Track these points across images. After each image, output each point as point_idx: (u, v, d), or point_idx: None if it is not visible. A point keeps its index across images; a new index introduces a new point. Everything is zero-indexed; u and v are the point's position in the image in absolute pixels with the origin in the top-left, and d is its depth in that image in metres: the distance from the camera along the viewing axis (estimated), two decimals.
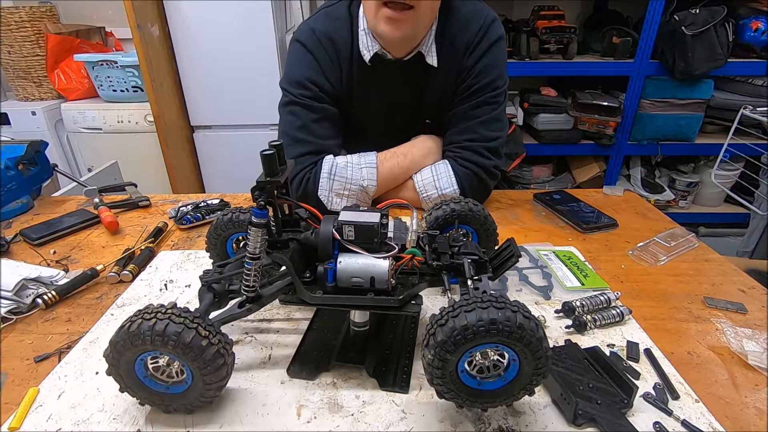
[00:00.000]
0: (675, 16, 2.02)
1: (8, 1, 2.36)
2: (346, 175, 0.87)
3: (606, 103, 2.17)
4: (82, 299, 0.68)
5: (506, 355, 0.42)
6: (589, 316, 0.60)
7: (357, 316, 0.56)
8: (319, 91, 0.88)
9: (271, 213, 0.50)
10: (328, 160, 0.87)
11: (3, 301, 0.63)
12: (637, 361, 0.54)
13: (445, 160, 0.93)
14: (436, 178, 0.90)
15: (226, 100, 2.15)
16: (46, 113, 2.21)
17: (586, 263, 0.74)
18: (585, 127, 2.26)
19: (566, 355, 0.52)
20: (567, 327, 0.60)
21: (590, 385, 0.48)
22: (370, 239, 0.50)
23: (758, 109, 1.69)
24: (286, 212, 0.54)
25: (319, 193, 0.86)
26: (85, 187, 1.01)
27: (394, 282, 0.50)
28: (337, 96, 0.90)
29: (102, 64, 2.14)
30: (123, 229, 0.89)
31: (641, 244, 0.81)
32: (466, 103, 0.90)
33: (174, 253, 0.79)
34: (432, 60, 0.87)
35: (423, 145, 0.94)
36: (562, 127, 2.31)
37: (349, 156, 0.90)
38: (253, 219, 0.48)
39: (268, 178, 0.49)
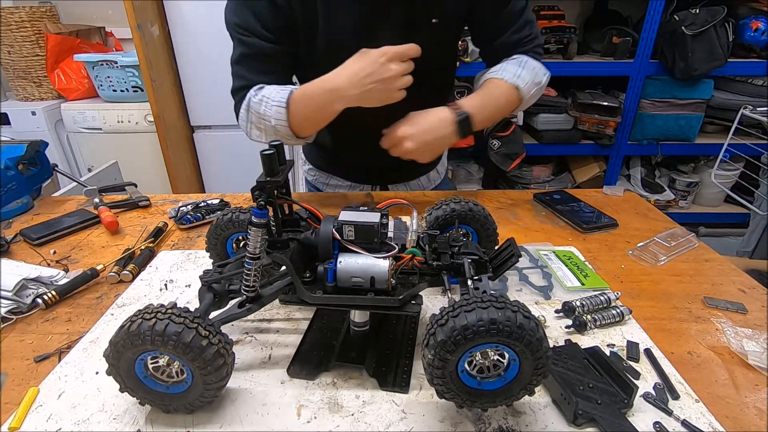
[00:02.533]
0: (675, 16, 2.02)
1: (8, 1, 2.36)
2: (260, 110, 0.82)
3: (606, 103, 2.18)
4: (82, 299, 0.68)
5: (506, 355, 0.42)
6: (589, 316, 0.60)
7: (357, 316, 0.56)
8: (254, 22, 0.80)
9: (271, 213, 0.50)
10: (251, 92, 0.83)
11: (3, 301, 0.63)
12: (637, 361, 0.54)
13: (515, 57, 0.88)
14: (533, 73, 0.86)
15: (226, 100, 2.13)
16: (46, 113, 2.22)
17: (586, 263, 0.74)
18: (585, 127, 2.27)
19: (566, 355, 0.52)
20: (567, 327, 0.60)
21: (590, 385, 0.48)
22: (370, 239, 0.50)
23: (758, 109, 1.69)
24: (286, 212, 0.54)
25: (239, 124, 0.87)
26: (85, 187, 1.01)
27: (394, 282, 0.50)
28: (285, 28, 0.81)
29: (102, 64, 2.14)
30: (123, 229, 0.89)
31: (641, 244, 0.81)
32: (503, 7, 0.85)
33: (174, 253, 0.79)
34: None
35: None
36: (562, 127, 2.31)
37: (269, 89, 0.83)
38: (253, 219, 0.48)
39: (268, 178, 0.49)
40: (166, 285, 0.70)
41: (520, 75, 0.84)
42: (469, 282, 0.49)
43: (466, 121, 0.80)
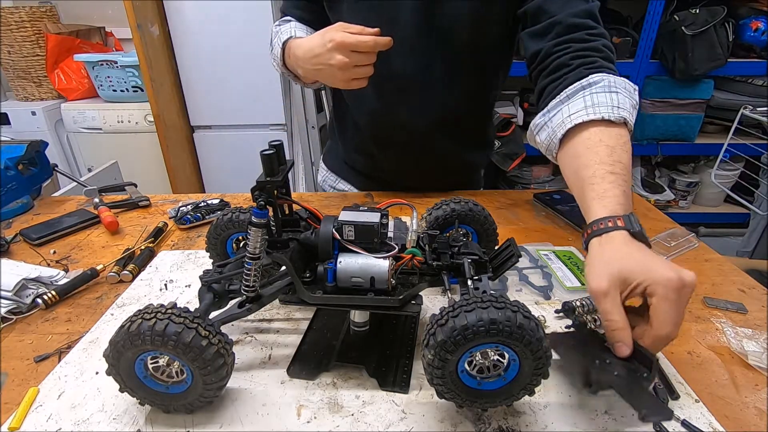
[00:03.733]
0: (675, 16, 2.02)
1: (8, 1, 2.36)
2: (273, 41, 0.85)
3: None
4: (82, 299, 0.68)
5: (506, 355, 0.42)
6: (589, 316, 0.60)
7: (357, 316, 0.56)
8: None
9: (271, 213, 0.50)
10: (277, 22, 0.89)
11: (3, 301, 0.63)
12: None
13: (593, 79, 0.61)
14: (628, 94, 0.60)
15: (226, 100, 2.15)
16: (46, 113, 2.22)
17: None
18: None
19: (582, 336, 0.50)
20: (567, 327, 0.60)
21: (607, 360, 0.45)
22: (370, 239, 0.50)
23: (758, 109, 1.69)
24: (286, 212, 0.54)
25: (269, 48, 0.88)
26: (85, 187, 1.01)
27: (394, 282, 0.50)
28: None
29: (102, 64, 2.14)
30: (123, 229, 0.89)
31: None
32: None
33: (174, 253, 0.79)
34: None
35: None
36: None
37: (287, 26, 0.85)
38: (253, 219, 0.48)
39: (268, 178, 0.49)
40: (166, 285, 0.70)
41: (620, 103, 0.58)
42: (469, 282, 0.49)
43: (640, 233, 0.49)
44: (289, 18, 0.90)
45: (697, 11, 1.99)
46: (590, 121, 0.58)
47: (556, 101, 0.64)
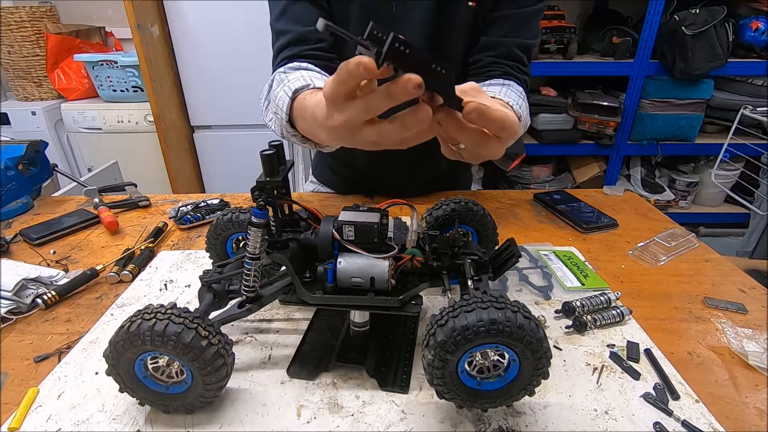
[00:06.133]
0: (675, 16, 2.02)
1: (8, 1, 2.36)
2: (275, 93, 0.62)
3: (606, 103, 2.18)
4: (82, 299, 0.68)
5: (506, 356, 0.42)
6: (589, 317, 0.60)
7: (357, 317, 0.56)
8: None
9: (271, 213, 0.50)
10: (286, 68, 0.71)
11: (3, 301, 0.63)
12: (637, 361, 0.54)
13: (513, 83, 0.74)
14: (527, 113, 0.72)
15: (226, 100, 2.15)
16: (46, 113, 2.22)
17: (586, 263, 0.74)
18: (585, 127, 2.27)
19: None
20: (567, 327, 0.60)
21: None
22: (370, 239, 0.50)
23: (758, 109, 1.69)
24: (286, 212, 0.54)
25: (260, 102, 0.70)
26: (85, 187, 1.01)
27: (394, 282, 0.50)
28: None
29: (102, 64, 2.14)
30: (123, 229, 0.89)
31: (641, 244, 0.81)
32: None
33: (174, 253, 0.79)
34: None
35: None
36: (562, 127, 2.31)
37: (299, 73, 0.65)
38: (253, 219, 0.48)
39: (267, 178, 0.49)
40: (165, 285, 0.70)
41: (522, 107, 0.69)
42: (470, 282, 0.49)
43: None
44: (298, 64, 0.71)
45: (697, 11, 2.00)
46: (503, 99, 0.66)
47: (489, 85, 0.75)
